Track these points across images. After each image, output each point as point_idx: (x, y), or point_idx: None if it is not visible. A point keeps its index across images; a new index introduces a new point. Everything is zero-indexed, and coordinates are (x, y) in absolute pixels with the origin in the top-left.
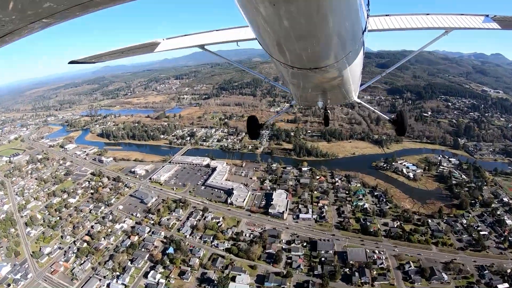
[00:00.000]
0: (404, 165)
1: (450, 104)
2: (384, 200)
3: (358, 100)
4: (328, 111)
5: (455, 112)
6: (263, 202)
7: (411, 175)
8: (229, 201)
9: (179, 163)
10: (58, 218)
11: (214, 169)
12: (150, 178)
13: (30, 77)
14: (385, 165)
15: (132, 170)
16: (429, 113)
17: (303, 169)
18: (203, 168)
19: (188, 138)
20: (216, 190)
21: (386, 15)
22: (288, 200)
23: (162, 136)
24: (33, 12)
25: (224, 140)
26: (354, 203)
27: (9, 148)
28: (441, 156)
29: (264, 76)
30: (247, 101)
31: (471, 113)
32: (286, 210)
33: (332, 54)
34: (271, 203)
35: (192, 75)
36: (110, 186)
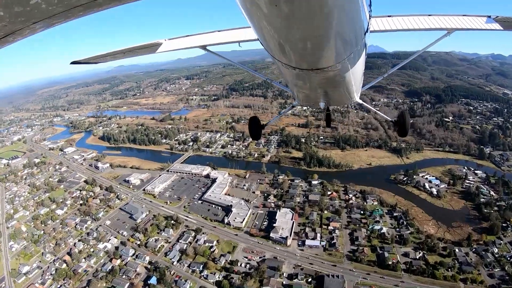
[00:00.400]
0: (427, 178)
1: (472, 108)
2: (405, 223)
3: (360, 101)
4: (331, 111)
5: (477, 117)
6: (265, 222)
7: (434, 191)
8: (226, 220)
9: (177, 172)
10: (42, 231)
11: (214, 180)
12: (144, 189)
13: (44, 76)
14: (405, 178)
15: (127, 179)
16: (451, 118)
17: (313, 182)
18: (202, 178)
19: (191, 144)
20: (213, 206)
21: (388, 16)
22: (293, 222)
23: (164, 140)
24: (28, 13)
25: (229, 146)
26: (370, 227)
27: (10, 150)
28: (465, 168)
29: (266, 77)
30: (257, 103)
31: (494, 119)
32: (291, 234)
33: (334, 54)
34: (274, 225)
35: (203, 75)
36: (100, 197)
